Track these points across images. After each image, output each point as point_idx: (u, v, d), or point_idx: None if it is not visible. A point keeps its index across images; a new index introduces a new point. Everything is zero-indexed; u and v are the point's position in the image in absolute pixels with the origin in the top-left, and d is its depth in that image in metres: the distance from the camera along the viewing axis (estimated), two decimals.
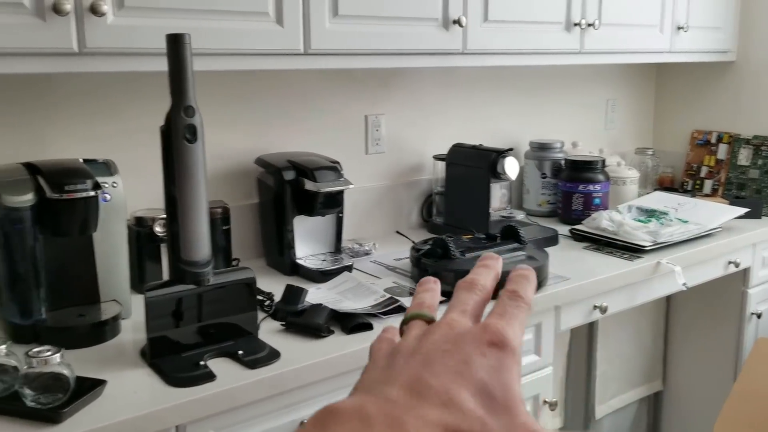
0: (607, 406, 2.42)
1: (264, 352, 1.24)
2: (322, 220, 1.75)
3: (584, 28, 1.97)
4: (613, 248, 1.89)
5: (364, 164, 2.03)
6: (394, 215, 2.10)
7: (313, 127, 1.91)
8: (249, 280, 1.29)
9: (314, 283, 1.60)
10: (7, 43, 1.15)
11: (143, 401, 1.08)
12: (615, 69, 2.64)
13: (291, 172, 1.66)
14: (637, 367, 2.50)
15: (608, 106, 2.67)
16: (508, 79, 2.32)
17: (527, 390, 1.61)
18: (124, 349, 1.27)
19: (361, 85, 1.99)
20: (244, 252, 1.78)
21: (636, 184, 2.34)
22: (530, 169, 2.28)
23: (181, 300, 1.21)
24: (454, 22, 1.69)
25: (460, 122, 2.22)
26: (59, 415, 1.00)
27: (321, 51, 1.51)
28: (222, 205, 1.66)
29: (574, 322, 1.71)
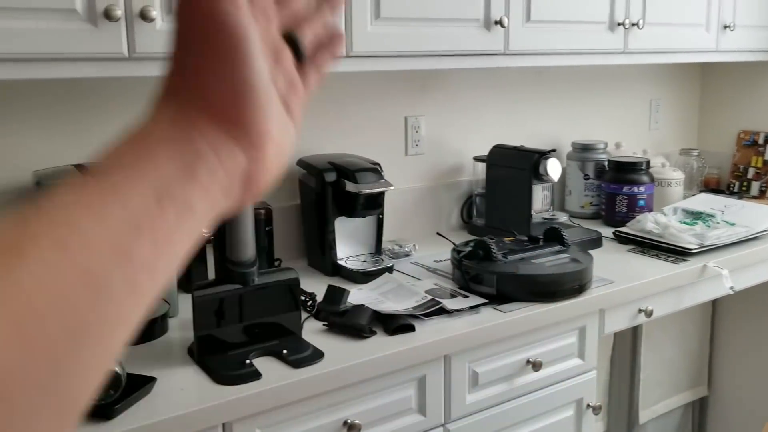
0: (651, 411, 2.37)
1: (308, 352, 1.25)
2: (362, 222, 1.76)
3: (628, 27, 1.95)
4: (659, 251, 1.86)
5: (404, 165, 2.03)
6: (433, 217, 2.10)
7: (353, 128, 1.93)
8: (293, 280, 1.30)
9: (355, 283, 1.61)
10: (60, 49, 1.19)
11: (191, 398, 1.10)
12: (659, 68, 2.60)
13: (332, 173, 1.68)
14: (682, 371, 2.45)
15: (652, 106, 2.62)
16: (549, 79, 2.30)
17: (571, 393, 1.60)
18: (172, 347, 1.30)
19: (401, 87, 2.00)
20: (286, 252, 1.80)
21: (681, 186, 2.29)
22: (573, 170, 2.26)
23: (227, 299, 1.23)
24: (496, 22, 1.68)
25: (501, 123, 2.21)
26: (112, 411, 1.03)
27: (363, 53, 1.52)
28: (265, 207, 1.68)
29: (618, 325, 1.69)
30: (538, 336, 1.51)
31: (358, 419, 1.26)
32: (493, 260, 1.53)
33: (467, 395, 1.43)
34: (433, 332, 1.35)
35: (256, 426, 1.16)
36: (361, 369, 1.24)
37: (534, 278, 1.50)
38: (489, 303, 1.48)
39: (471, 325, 1.39)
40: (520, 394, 1.51)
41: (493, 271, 1.51)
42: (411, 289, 1.53)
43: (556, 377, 1.56)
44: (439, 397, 1.38)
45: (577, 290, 1.53)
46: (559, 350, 1.56)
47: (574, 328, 1.58)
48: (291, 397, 1.17)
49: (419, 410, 1.37)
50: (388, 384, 1.31)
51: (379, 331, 1.34)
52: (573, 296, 1.52)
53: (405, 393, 1.34)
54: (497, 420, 1.48)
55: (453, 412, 1.41)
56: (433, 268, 1.74)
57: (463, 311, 1.44)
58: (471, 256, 1.56)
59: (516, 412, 1.50)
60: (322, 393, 1.21)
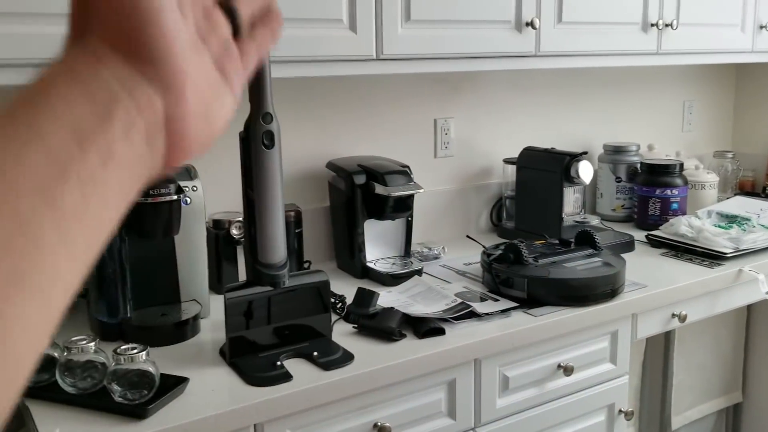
0: (684, 417, 2.33)
1: (338, 354, 1.25)
2: (391, 224, 1.76)
3: (662, 28, 1.92)
4: (692, 255, 1.83)
5: (433, 168, 2.03)
6: (463, 219, 2.10)
7: (382, 131, 1.93)
8: (323, 283, 1.31)
9: (384, 286, 1.61)
10: None
11: (223, 399, 1.11)
12: (692, 69, 2.56)
13: (362, 176, 1.68)
14: (716, 377, 2.41)
15: (685, 107, 2.58)
16: (580, 81, 2.28)
17: (602, 399, 1.58)
18: (204, 348, 1.31)
19: (431, 89, 1.99)
20: (316, 254, 1.81)
21: (715, 189, 2.25)
22: (604, 172, 2.23)
23: (258, 301, 1.24)
24: (527, 24, 1.67)
25: (531, 125, 2.20)
26: (145, 410, 1.04)
27: (393, 56, 1.52)
28: (295, 209, 1.69)
29: (651, 330, 1.66)
30: (570, 340, 1.49)
31: (388, 422, 1.26)
32: (524, 263, 1.52)
33: (497, 399, 1.42)
34: (463, 336, 1.35)
35: (286, 427, 1.16)
36: (391, 372, 1.24)
37: (566, 282, 1.49)
38: (520, 307, 1.47)
39: (501, 329, 1.38)
40: (551, 399, 1.49)
41: (524, 274, 1.50)
42: (441, 292, 1.52)
43: (588, 382, 1.54)
44: (469, 400, 1.38)
45: (610, 294, 1.51)
46: (591, 355, 1.54)
47: (606, 333, 1.56)
48: (321, 399, 1.18)
49: (449, 414, 1.36)
50: (418, 387, 1.30)
51: (408, 334, 1.34)
52: (605, 300, 1.50)
53: (435, 396, 1.34)
54: (528, 424, 1.46)
55: (483, 416, 1.41)
56: (462, 271, 1.74)
57: (494, 315, 1.43)
58: (501, 260, 1.55)
59: (547, 416, 1.49)
60: (352, 395, 1.21)
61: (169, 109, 0.33)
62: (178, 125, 0.33)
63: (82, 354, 1.10)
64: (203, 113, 0.35)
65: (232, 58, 0.37)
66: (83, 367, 1.10)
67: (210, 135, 0.36)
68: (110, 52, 0.31)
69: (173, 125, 0.33)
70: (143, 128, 0.32)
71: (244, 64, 0.38)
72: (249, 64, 0.39)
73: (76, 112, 0.29)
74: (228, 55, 0.37)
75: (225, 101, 0.37)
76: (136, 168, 0.32)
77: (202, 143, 0.35)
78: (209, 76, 0.36)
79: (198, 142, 0.35)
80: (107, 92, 0.31)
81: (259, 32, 0.39)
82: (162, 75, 0.32)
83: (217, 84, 0.36)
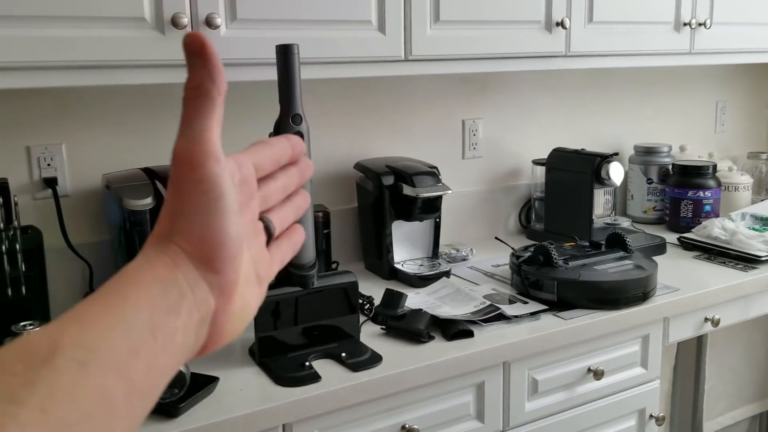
0: (716, 423, 2.29)
1: (366, 355, 1.25)
2: (419, 225, 1.76)
3: (695, 27, 1.89)
4: (726, 258, 1.80)
5: (461, 169, 2.02)
6: (491, 221, 2.08)
7: (410, 131, 1.92)
8: (352, 284, 1.31)
9: (412, 287, 1.61)
10: (130, 56, 1.22)
11: (253, 399, 1.12)
12: (725, 69, 2.51)
13: (390, 177, 1.68)
14: (749, 382, 2.36)
15: (718, 108, 2.54)
16: (611, 81, 2.25)
17: (633, 403, 1.56)
18: (233, 348, 1.32)
19: (459, 90, 1.99)
20: (343, 255, 1.81)
21: (749, 191, 2.21)
22: (635, 174, 2.21)
23: (287, 302, 1.24)
24: (558, 24, 1.66)
25: (560, 126, 2.18)
26: (177, 409, 1.05)
27: (422, 57, 1.52)
28: (323, 209, 1.70)
29: (683, 334, 1.64)
30: (600, 344, 1.47)
31: (416, 424, 1.26)
32: (553, 266, 1.50)
33: (526, 402, 1.41)
34: (492, 338, 1.34)
35: (315, 428, 1.17)
36: (420, 374, 1.24)
37: (596, 285, 1.47)
38: (549, 309, 1.46)
39: (531, 332, 1.37)
40: (581, 403, 1.48)
41: (553, 277, 1.48)
42: (469, 294, 1.51)
43: (618, 386, 1.52)
44: (497, 403, 1.37)
45: (641, 298, 1.49)
46: (622, 359, 1.52)
47: (637, 337, 1.54)
48: (350, 400, 1.18)
49: (477, 416, 1.36)
50: (447, 389, 1.30)
51: (437, 336, 1.34)
52: (636, 304, 1.48)
53: (463, 399, 1.33)
54: (557, 428, 1.45)
55: (512, 420, 1.39)
56: (491, 273, 1.73)
57: (523, 317, 1.42)
58: (531, 262, 1.54)
59: (576, 421, 1.47)
60: (381, 397, 1.21)
61: (218, 308, 0.40)
62: (221, 321, 0.40)
63: None
64: (240, 310, 0.42)
65: (266, 263, 0.45)
66: None
67: (241, 328, 0.43)
68: (186, 261, 0.39)
69: (216, 320, 0.40)
70: (197, 321, 0.39)
71: (273, 267, 0.46)
72: (275, 269, 0.46)
73: (154, 306, 0.36)
74: (263, 262, 0.45)
75: (256, 299, 0.44)
76: (183, 352, 0.38)
77: (234, 333, 0.42)
78: (250, 279, 0.43)
79: (231, 334, 0.42)
80: (178, 291, 0.38)
81: (284, 244, 0.47)
82: (220, 283, 0.40)
83: (253, 283, 0.43)
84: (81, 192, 1.52)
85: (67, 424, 0.31)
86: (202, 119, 0.40)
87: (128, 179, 1.36)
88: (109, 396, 0.33)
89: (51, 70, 1.18)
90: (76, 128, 1.51)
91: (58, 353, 0.32)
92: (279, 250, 0.47)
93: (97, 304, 0.35)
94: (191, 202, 0.39)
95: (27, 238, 1.37)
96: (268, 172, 0.46)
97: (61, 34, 1.16)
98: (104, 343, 0.33)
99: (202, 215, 0.39)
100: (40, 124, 1.48)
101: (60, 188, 1.49)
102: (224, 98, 0.41)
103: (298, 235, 0.49)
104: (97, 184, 1.51)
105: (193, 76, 0.40)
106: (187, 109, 0.40)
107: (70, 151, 1.51)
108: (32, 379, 0.31)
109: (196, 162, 0.39)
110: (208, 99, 0.40)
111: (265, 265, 0.45)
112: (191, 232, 0.39)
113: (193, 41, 0.39)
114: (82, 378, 0.32)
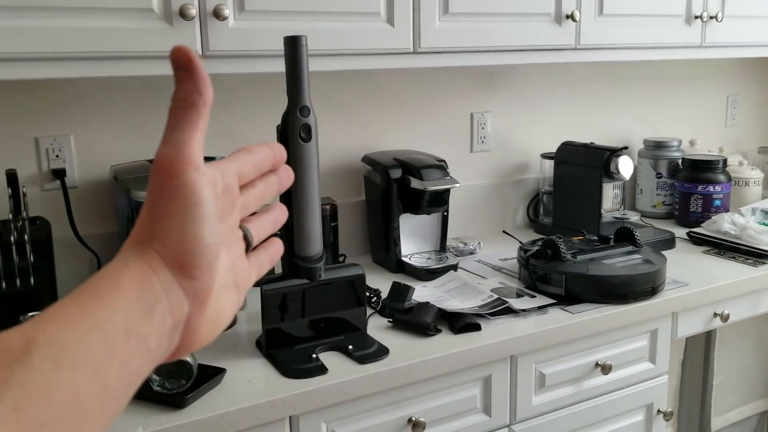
0: (724, 419, 2.29)
1: (373, 348, 1.25)
2: (427, 219, 1.76)
3: (706, 20, 1.87)
4: (736, 253, 1.79)
5: (470, 162, 2.02)
6: (499, 214, 2.08)
7: (419, 124, 1.92)
8: (359, 277, 1.30)
9: (420, 281, 1.61)
10: (138, 47, 1.22)
11: (260, 391, 1.12)
12: (736, 63, 2.49)
13: (398, 170, 1.67)
14: (758, 378, 2.35)
15: (729, 102, 2.52)
16: (620, 74, 2.24)
17: (641, 398, 1.55)
18: (240, 339, 1.32)
19: (468, 83, 1.98)
20: (351, 248, 1.81)
21: (760, 186, 2.19)
22: (645, 168, 2.19)
23: (294, 294, 1.24)
24: (567, 16, 1.64)
25: (569, 120, 2.17)
26: (184, 400, 1.05)
27: (430, 49, 1.51)
28: (330, 202, 1.70)
29: (692, 329, 1.63)
30: (608, 338, 1.47)
31: (422, 417, 1.26)
32: (561, 260, 1.50)
33: (533, 396, 1.40)
34: (499, 332, 1.34)
35: (321, 420, 1.17)
36: (427, 367, 1.24)
37: (604, 279, 1.46)
38: (557, 303, 1.45)
39: (538, 326, 1.37)
40: (589, 397, 1.47)
41: (561, 271, 1.48)
42: (476, 288, 1.51)
43: (626, 381, 1.52)
44: (504, 397, 1.37)
45: (650, 292, 1.48)
46: (630, 353, 1.51)
47: (646, 331, 1.53)
48: (356, 392, 1.18)
49: (484, 410, 1.35)
50: (454, 383, 1.30)
51: (444, 329, 1.34)
52: (645, 298, 1.48)
53: (470, 392, 1.33)
54: (564, 422, 1.45)
55: (519, 413, 1.39)
56: (498, 267, 1.72)
57: (530, 311, 1.42)
58: (539, 256, 1.53)
59: (584, 415, 1.47)
60: (387, 389, 1.21)
61: (192, 314, 0.40)
62: (194, 326, 0.41)
63: None
64: (214, 316, 0.42)
65: (245, 271, 0.45)
66: None
67: (215, 333, 0.43)
68: (163, 266, 0.39)
69: (190, 325, 0.40)
70: (171, 326, 0.39)
71: (251, 276, 0.47)
72: (253, 279, 0.47)
73: (129, 309, 0.37)
74: (241, 269, 0.45)
75: (232, 306, 0.44)
76: (156, 356, 0.39)
77: (207, 339, 0.43)
78: (227, 286, 0.43)
79: (205, 338, 0.42)
80: (154, 295, 0.38)
81: (262, 255, 0.48)
82: (195, 289, 0.40)
83: (231, 292, 0.44)
84: (89, 183, 1.53)
85: (40, 422, 0.31)
86: (185, 129, 0.40)
87: (136, 170, 1.36)
88: (81, 396, 0.33)
89: (59, 61, 1.18)
90: (85, 120, 1.51)
91: (33, 351, 0.32)
92: (257, 260, 0.47)
93: (73, 305, 0.36)
94: (169, 209, 0.39)
95: (35, 229, 1.38)
96: (249, 180, 0.46)
97: (69, 24, 1.16)
98: (79, 343, 0.34)
99: (180, 222, 0.39)
100: (49, 115, 1.48)
101: (68, 179, 1.49)
102: (210, 109, 0.41)
103: (276, 248, 0.50)
104: (105, 175, 1.51)
105: (179, 88, 0.41)
106: (172, 119, 0.40)
107: (79, 143, 1.51)
108: (6, 376, 0.31)
109: (175, 169, 0.39)
110: (193, 110, 0.41)
111: (244, 273, 0.45)
112: (168, 237, 0.39)
113: (179, 56, 0.40)
114: (56, 377, 0.32)
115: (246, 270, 0.46)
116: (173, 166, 0.39)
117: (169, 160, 0.39)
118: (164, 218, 0.39)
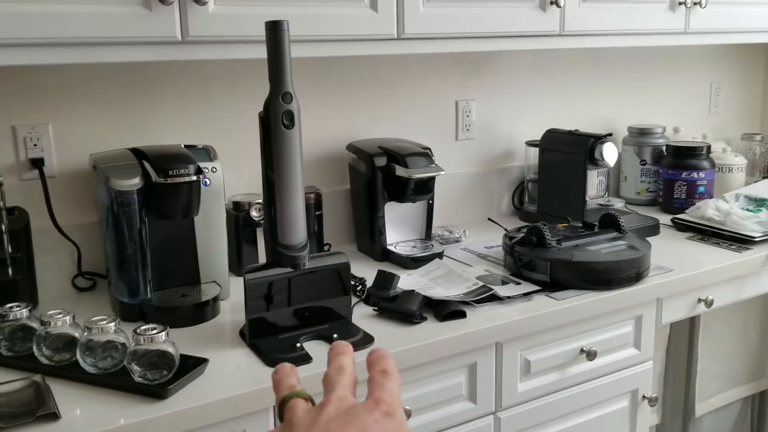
0: (708, 404, 2.30)
1: (358, 337, 1.24)
2: (412, 207, 1.75)
3: (690, 6, 1.87)
4: (720, 239, 1.79)
5: (455, 150, 2.01)
6: (484, 202, 2.07)
7: (403, 112, 1.91)
8: (344, 265, 1.29)
9: (405, 269, 1.60)
10: (115, 33, 1.20)
11: (243, 380, 1.11)
12: (720, 50, 2.50)
13: (382, 158, 1.66)
14: (741, 364, 2.37)
15: (713, 89, 2.53)
16: (605, 61, 2.23)
17: (625, 384, 1.56)
18: (224, 329, 1.31)
19: (452, 70, 1.96)
20: (336, 237, 1.80)
21: (743, 172, 2.21)
22: (629, 155, 2.20)
23: (278, 283, 1.23)
24: (552, 2, 1.63)
25: (554, 107, 2.16)
26: (165, 391, 1.04)
27: (414, 36, 1.49)
28: (315, 191, 1.68)
29: (676, 315, 1.64)
30: (593, 325, 1.47)
31: (407, 405, 1.25)
32: (546, 247, 1.49)
33: (519, 383, 1.40)
34: (484, 319, 1.33)
35: None
36: (412, 355, 1.23)
37: (589, 265, 1.46)
38: (542, 290, 1.45)
39: (523, 313, 1.36)
40: (574, 384, 1.47)
41: (546, 257, 1.47)
42: (462, 275, 1.50)
43: (611, 367, 1.52)
44: (490, 384, 1.36)
45: (634, 278, 1.48)
46: (615, 339, 1.52)
47: (630, 318, 1.53)
48: None
49: (470, 397, 1.35)
50: (439, 370, 1.29)
51: (429, 317, 1.33)
52: (629, 284, 1.48)
53: (455, 380, 1.32)
54: (549, 409, 1.45)
55: (504, 400, 1.39)
56: (484, 255, 1.72)
57: (516, 298, 1.41)
58: (524, 243, 1.53)
59: (569, 401, 1.47)
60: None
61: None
62: None
63: (103, 334, 1.10)
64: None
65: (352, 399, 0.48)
66: (104, 347, 1.10)
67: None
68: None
69: None
70: None
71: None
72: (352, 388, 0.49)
73: None
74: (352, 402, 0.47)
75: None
76: None
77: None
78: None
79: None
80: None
81: (331, 367, 0.50)
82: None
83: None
84: (68, 173, 1.50)
85: None
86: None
87: (115, 159, 1.33)
88: None
89: (35, 47, 1.15)
90: (63, 108, 1.48)
91: None
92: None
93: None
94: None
95: (13, 219, 1.36)
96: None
97: (45, 10, 1.14)
98: None
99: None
100: (26, 103, 1.45)
101: (47, 169, 1.46)
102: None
103: (333, 347, 0.53)
104: (84, 164, 1.48)
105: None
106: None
107: (57, 131, 1.48)
108: None
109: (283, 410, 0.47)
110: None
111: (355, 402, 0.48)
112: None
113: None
114: None
115: (352, 397, 0.47)
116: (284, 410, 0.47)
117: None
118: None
